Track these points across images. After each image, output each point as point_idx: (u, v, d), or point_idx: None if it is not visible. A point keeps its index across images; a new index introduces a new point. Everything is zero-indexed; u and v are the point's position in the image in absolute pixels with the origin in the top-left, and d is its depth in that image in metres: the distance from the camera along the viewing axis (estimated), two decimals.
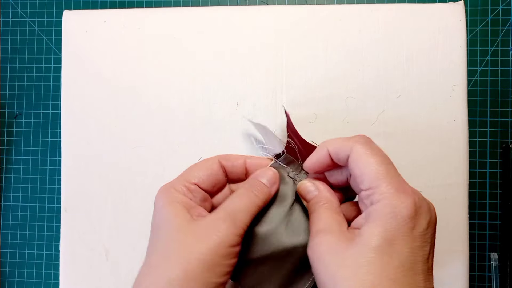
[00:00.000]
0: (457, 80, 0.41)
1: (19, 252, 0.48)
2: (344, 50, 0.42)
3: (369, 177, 0.25)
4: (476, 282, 0.44)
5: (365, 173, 0.25)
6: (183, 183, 0.29)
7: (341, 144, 0.27)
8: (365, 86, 0.42)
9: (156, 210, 0.28)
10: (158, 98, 0.43)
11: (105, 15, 0.44)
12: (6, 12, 0.50)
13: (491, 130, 0.45)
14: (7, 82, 0.49)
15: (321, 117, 0.42)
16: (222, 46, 0.43)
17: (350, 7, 0.43)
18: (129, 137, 0.43)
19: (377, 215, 0.23)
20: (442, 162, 0.41)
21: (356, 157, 0.26)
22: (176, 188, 0.29)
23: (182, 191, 0.29)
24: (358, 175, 0.25)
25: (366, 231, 0.23)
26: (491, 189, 0.45)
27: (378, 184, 0.24)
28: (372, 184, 0.24)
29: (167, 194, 0.29)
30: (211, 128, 0.42)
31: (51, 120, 0.48)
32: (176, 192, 0.29)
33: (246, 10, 0.44)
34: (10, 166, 0.49)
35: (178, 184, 0.29)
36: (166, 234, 0.27)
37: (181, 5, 0.48)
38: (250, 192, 0.29)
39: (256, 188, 0.29)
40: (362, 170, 0.25)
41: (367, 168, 0.25)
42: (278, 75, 0.42)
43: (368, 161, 0.25)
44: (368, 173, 0.25)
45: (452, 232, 0.40)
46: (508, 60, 0.45)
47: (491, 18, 0.45)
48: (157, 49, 0.43)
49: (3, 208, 0.48)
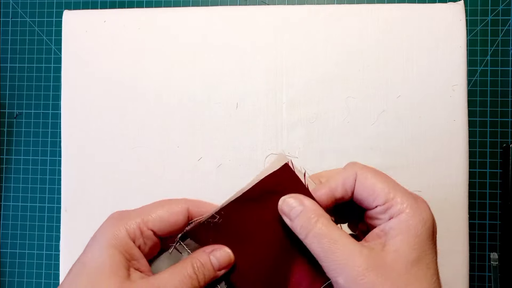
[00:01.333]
0: (457, 80, 0.41)
1: (19, 252, 0.48)
2: (344, 50, 0.42)
3: (383, 192, 0.24)
4: (476, 282, 0.44)
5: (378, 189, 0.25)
6: (139, 223, 0.26)
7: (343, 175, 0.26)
8: (365, 86, 0.42)
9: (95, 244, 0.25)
10: (158, 98, 0.43)
11: (105, 15, 0.44)
12: (6, 12, 0.50)
13: (491, 130, 0.45)
14: (7, 82, 0.49)
15: (321, 117, 0.42)
16: (222, 46, 0.43)
17: (350, 7, 0.43)
18: (129, 137, 0.43)
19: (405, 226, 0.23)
20: (442, 162, 0.41)
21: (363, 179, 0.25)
22: (129, 228, 0.25)
23: (134, 234, 0.25)
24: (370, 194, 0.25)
25: (396, 244, 0.23)
26: (491, 189, 0.45)
27: (393, 196, 0.24)
28: (388, 197, 0.24)
29: (114, 231, 0.25)
30: (211, 128, 0.42)
31: (51, 120, 0.48)
32: (126, 235, 0.25)
33: (246, 10, 0.44)
34: (10, 166, 0.48)
35: (133, 224, 0.25)
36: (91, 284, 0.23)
37: (181, 5, 0.48)
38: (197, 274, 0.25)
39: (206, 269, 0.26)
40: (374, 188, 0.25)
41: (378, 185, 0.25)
42: (278, 75, 0.42)
43: (377, 179, 0.25)
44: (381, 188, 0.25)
45: (452, 232, 0.40)
46: (508, 60, 0.45)
47: (491, 18, 0.45)
48: (157, 49, 0.43)
49: (3, 208, 0.48)
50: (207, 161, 0.42)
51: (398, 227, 0.23)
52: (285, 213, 0.26)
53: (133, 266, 0.25)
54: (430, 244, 0.23)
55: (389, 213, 0.24)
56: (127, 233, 0.25)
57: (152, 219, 0.26)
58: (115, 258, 0.24)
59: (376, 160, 0.41)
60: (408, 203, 0.24)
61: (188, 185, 0.42)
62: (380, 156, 0.41)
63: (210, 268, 0.26)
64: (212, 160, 0.42)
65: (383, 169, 0.37)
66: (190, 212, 0.27)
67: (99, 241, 0.25)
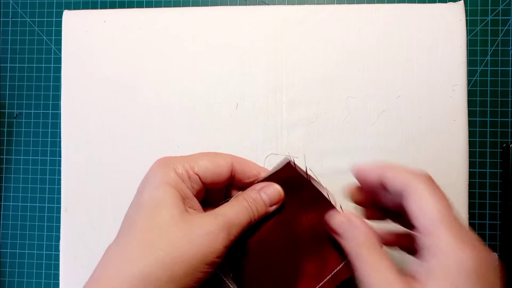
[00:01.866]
0: (457, 80, 0.41)
1: (19, 252, 0.48)
2: (344, 50, 0.42)
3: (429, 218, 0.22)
4: None
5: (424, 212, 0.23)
6: (186, 167, 0.27)
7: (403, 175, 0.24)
8: (365, 86, 0.42)
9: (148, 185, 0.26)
10: (158, 98, 0.43)
11: (105, 15, 0.44)
12: (6, 12, 0.50)
13: (491, 130, 0.45)
14: (7, 82, 0.49)
15: (321, 117, 0.42)
16: (222, 46, 0.43)
17: (350, 7, 0.43)
18: (129, 137, 0.43)
19: (443, 270, 0.21)
20: (442, 162, 0.41)
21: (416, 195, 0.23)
22: (177, 169, 0.26)
23: (183, 175, 0.26)
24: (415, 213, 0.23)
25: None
26: (491, 189, 0.45)
27: (438, 228, 0.22)
28: (431, 227, 0.22)
29: (165, 171, 0.26)
30: (211, 128, 0.42)
31: (51, 120, 0.48)
32: (176, 175, 0.26)
33: (246, 10, 0.44)
34: (10, 166, 0.48)
35: (181, 166, 0.27)
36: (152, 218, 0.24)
37: (181, 5, 0.48)
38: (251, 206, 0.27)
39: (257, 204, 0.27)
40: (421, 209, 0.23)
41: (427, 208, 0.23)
42: (278, 75, 0.42)
43: (428, 201, 0.23)
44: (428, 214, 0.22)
45: None
46: (508, 60, 0.45)
47: (491, 18, 0.45)
48: (157, 49, 0.43)
49: (3, 208, 0.48)
50: None
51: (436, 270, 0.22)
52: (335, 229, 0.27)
53: (188, 205, 0.26)
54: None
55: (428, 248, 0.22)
56: (177, 174, 0.26)
57: (197, 165, 0.27)
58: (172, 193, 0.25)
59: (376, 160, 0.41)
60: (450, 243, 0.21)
61: None
62: (380, 156, 0.41)
63: (261, 203, 0.27)
64: None
65: None
66: (234, 168, 0.28)
67: (151, 181, 0.26)
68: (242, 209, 0.27)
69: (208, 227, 0.24)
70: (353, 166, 0.28)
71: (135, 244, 0.24)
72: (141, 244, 0.23)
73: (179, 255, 0.23)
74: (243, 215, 0.26)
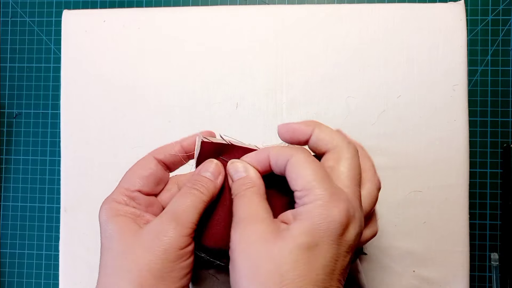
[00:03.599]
0: (457, 80, 0.41)
1: (19, 252, 0.48)
2: (344, 50, 0.42)
3: (305, 179, 0.24)
4: (476, 282, 0.44)
5: (301, 176, 0.25)
6: (124, 192, 0.28)
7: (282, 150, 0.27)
8: (365, 86, 0.41)
9: (101, 228, 0.27)
10: (158, 98, 0.43)
11: (105, 15, 0.44)
12: (6, 12, 0.50)
13: (492, 130, 0.45)
14: (7, 82, 0.49)
15: (321, 117, 0.41)
16: (222, 46, 0.43)
17: (350, 7, 0.43)
18: (129, 137, 0.43)
19: (308, 214, 0.23)
20: (442, 162, 0.40)
21: (294, 161, 0.25)
22: (117, 199, 0.28)
23: (124, 201, 0.28)
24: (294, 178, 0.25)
25: (295, 227, 0.23)
26: (491, 189, 0.44)
27: (312, 186, 0.24)
28: (307, 185, 0.24)
29: (108, 208, 0.27)
30: (211, 128, 0.42)
31: (51, 120, 0.48)
32: (118, 204, 0.27)
33: (246, 10, 0.44)
34: (10, 166, 0.48)
35: (119, 195, 0.28)
36: (114, 251, 0.26)
37: (181, 5, 0.48)
38: (193, 189, 0.27)
39: (199, 183, 0.28)
40: (299, 173, 0.25)
41: (304, 171, 0.25)
42: (278, 75, 0.42)
43: (306, 166, 0.25)
44: (304, 176, 0.24)
45: (452, 232, 0.40)
46: (508, 60, 0.45)
47: (491, 18, 0.45)
48: (157, 49, 0.43)
49: (3, 208, 0.48)
50: None
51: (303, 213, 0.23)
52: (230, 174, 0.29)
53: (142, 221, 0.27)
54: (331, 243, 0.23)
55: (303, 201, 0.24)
56: (118, 204, 0.27)
57: (131, 182, 0.29)
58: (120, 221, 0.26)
59: (376, 160, 0.41)
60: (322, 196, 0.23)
61: None
62: (380, 156, 0.41)
63: (205, 180, 0.28)
64: None
65: (383, 169, 0.37)
66: (156, 158, 0.30)
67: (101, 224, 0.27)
68: (185, 195, 0.27)
69: (156, 229, 0.25)
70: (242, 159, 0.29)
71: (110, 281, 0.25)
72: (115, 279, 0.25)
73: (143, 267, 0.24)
74: (188, 198, 0.27)
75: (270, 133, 0.42)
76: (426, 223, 0.40)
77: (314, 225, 0.23)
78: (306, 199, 0.24)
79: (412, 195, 0.41)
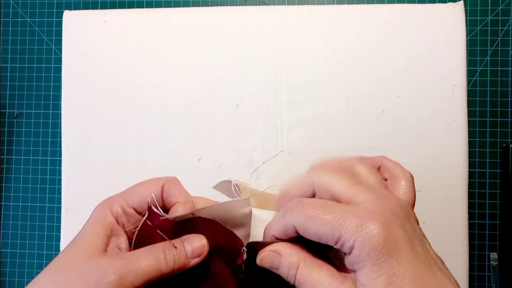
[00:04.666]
0: (457, 80, 0.41)
1: (19, 252, 0.48)
2: (344, 50, 0.42)
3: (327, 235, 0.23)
4: (476, 282, 0.44)
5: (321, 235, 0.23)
6: (122, 203, 0.27)
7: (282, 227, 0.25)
8: (365, 86, 0.42)
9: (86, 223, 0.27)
10: (158, 98, 0.43)
11: (105, 15, 0.44)
12: (7, 12, 0.50)
13: (491, 130, 0.45)
14: (7, 82, 0.49)
15: (321, 117, 0.42)
16: (222, 46, 0.43)
17: (350, 7, 0.43)
18: (129, 137, 0.43)
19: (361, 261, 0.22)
20: (442, 162, 0.41)
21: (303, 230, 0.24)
22: (113, 208, 0.27)
23: (117, 213, 0.27)
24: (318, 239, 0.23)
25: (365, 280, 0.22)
26: (490, 189, 0.45)
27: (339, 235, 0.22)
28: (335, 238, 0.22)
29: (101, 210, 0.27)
30: (211, 128, 0.42)
31: (51, 120, 0.48)
32: (110, 214, 0.27)
33: (246, 10, 0.44)
34: (10, 166, 0.49)
35: (117, 204, 0.27)
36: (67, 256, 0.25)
37: (181, 5, 0.48)
38: (161, 253, 0.25)
39: (172, 253, 0.25)
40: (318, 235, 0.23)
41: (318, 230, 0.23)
42: (278, 75, 0.42)
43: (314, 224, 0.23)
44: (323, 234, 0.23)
45: (452, 232, 0.40)
46: (507, 60, 0.45)
47: (490, 18, 0.45)
48: (157, 49, 0.43)
49: (3, 208, 0.48)
50: (207, 161, 0.42)
51: (356, 261, 0.22)
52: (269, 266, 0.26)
53: (113, 242, 0.27)
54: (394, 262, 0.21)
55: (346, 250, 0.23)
56: (111, 212, 0.27)
57: (131, 199, 0.28)
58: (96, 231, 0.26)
59: None
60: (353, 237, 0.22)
61: (188, 185, 0.42)
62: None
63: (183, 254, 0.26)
64: (212, 160, 0.42)
65: None
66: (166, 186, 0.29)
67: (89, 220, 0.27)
68: (149, 254, 0.25)
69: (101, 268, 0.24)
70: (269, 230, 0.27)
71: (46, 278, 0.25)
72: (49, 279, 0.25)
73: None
74: (148, 261, 0.24)
75: (270, 133, 0.42)
76: (426, 223, 0.40)
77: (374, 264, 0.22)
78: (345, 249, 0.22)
79: None
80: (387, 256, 0.22)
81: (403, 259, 0.22)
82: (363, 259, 0.22)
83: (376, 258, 0.22)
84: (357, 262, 0.22)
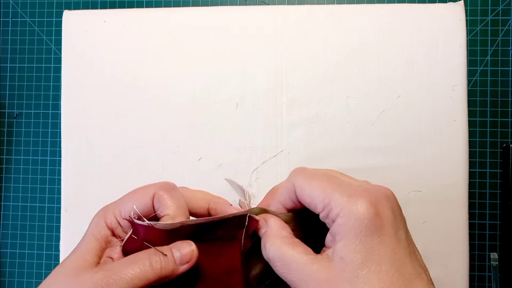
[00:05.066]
0: (457, 80, 0.41)
1: (19, 252, 0.48)
2: (344, 50, 0.42)
3: (318, 198, 0.24)
4: (476, 282, 0.44)
5: (314, 197, 0.24)
6: (116, 214, 0.27)
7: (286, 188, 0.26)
8: (365, 86, 0.42)
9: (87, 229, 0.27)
10: (158, 98, 0.43)
11: (105, 15, 0.44)
12: (6, 12, 0.50)
13: (491, 130, 0.45)
14: (7, 82, 0.49)
15: (321, 117, 0.42)
16: (222, 46, 0.43)
17: (350, 7, 0.43)
18: (129, 137, 0.43)
19: (344, 231, 0.22)
20: (442, 162, 0.41)
21: (299, 190, 0.25)
22: (107, 219, 0.27)
23: (112, 224, 0.27)
24: (309, 203, 0.25)
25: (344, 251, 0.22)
26: (491, 189, 0.45)
27: (328, 201, 0.23)
28: (324, 203, 0.24)
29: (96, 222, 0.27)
30: (211, 128, 0.42)
31: (51, 120, 0.48)
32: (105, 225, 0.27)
33: (246, 10, 0.44)
34: (10, 166, 0.49)
35: (111, 215, 0.27)
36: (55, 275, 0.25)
37: (181, 5, 0.48)
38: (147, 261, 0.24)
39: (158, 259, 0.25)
40: (310, 196, 0.24)
41: (313, 191, 0.24)
42: (278, 75, 0.42)
43: (311, 185, 0.24)
44: (317, 196, 0.24)
45: (452, 232, 0.40)
46: (508, 60, 0.45)
47: (491, 18, 0.45)
48: (157, 49, 0.43)
49: (3, 208, 0.48)
50: (207, 161, 0.42)
51: (339, 231, 0.23)
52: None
53: (108, 254, 0.27)
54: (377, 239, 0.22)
55: (331, 218, 0.24)
56: (105, 224, 0.27)
57: (124, 209, 0.27)
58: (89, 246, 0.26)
59: (376, 160, 0.41)
60: (341, 205, 0.23)
61: (188, 185, 0.42)
62: (380, 156, 0.41)
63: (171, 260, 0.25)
64: (212, 160, 0.42)
65: (383, 169, 0.37)
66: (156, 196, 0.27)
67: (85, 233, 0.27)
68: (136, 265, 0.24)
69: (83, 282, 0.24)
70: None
71: None
72: None
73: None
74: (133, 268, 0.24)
75: (270, 133, 0.42)
76: (426, 223, 0.40)
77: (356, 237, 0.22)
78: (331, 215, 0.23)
79: (412, 194, 0.41)
80: (370, 232, 0.22)
81: (386, 240, 0.22)
82: (346, 230, 0.22)
83: (359, 231, 0.22)
84: (340, 233, 0.23)
